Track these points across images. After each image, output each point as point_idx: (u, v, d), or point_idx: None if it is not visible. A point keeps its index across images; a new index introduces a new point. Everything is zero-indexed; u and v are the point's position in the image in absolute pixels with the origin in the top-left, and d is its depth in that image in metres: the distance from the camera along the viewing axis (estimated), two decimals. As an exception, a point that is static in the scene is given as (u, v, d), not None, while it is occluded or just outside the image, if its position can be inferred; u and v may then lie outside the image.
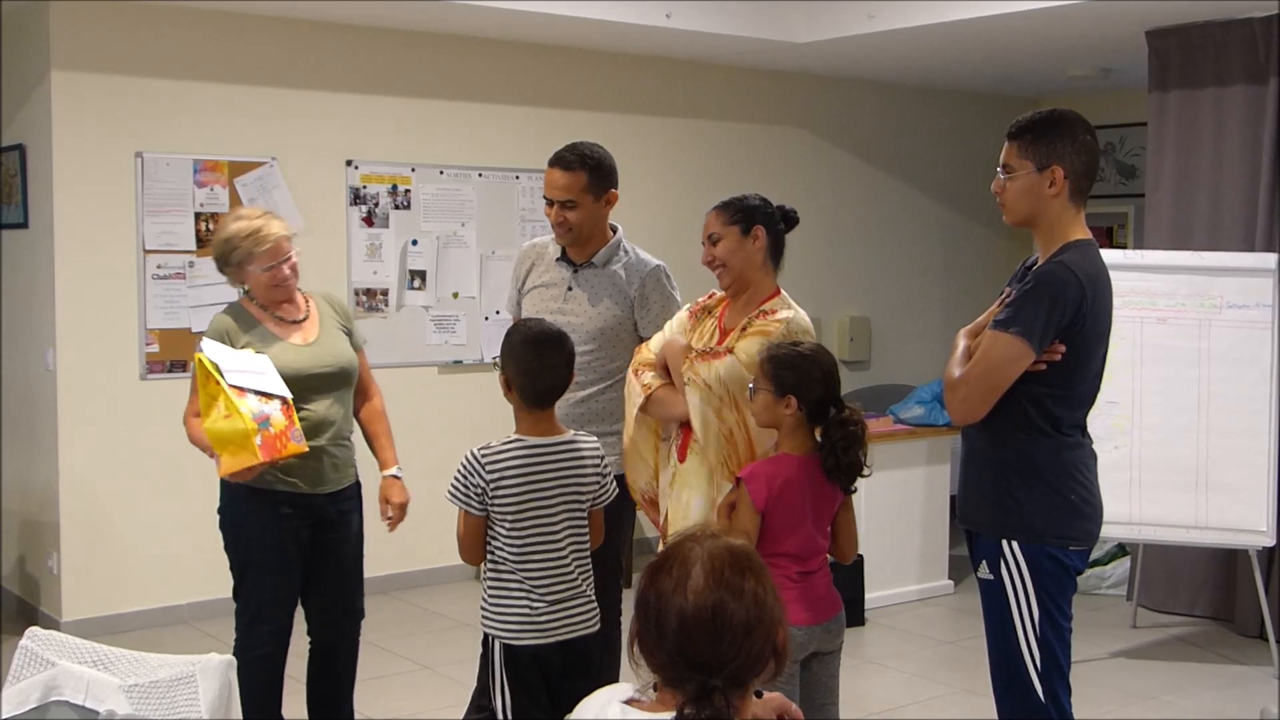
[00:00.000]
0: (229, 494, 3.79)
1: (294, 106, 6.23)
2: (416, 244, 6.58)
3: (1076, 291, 3.00)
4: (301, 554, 3.82)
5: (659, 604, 1.93)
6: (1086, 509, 3.11)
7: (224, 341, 3.73)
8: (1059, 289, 2.99)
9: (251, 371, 3.60)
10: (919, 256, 8.68)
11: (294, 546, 3.79)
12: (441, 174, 6.65)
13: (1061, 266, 3.03)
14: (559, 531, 3.23)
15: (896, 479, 6.13)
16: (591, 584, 3.31)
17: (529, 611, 3.20)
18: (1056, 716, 3.09)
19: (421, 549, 6.37)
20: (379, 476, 3.99)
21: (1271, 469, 5.37)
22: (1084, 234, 3.12)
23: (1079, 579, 3.18)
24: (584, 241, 4.03)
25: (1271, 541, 5.37)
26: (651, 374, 3.61)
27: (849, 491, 3.30)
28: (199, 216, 5.96)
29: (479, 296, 6.77)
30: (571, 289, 4.04)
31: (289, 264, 3.80)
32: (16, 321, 6.11)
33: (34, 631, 2.69)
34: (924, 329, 8.61)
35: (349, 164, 6.39)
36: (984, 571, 3.15)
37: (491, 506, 3.18)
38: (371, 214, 6.46)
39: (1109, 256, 3.48)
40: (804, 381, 3.20)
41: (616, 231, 4.09)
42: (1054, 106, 3.22)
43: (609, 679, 3.53)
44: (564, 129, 5.85)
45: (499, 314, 6.57)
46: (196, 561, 5.61)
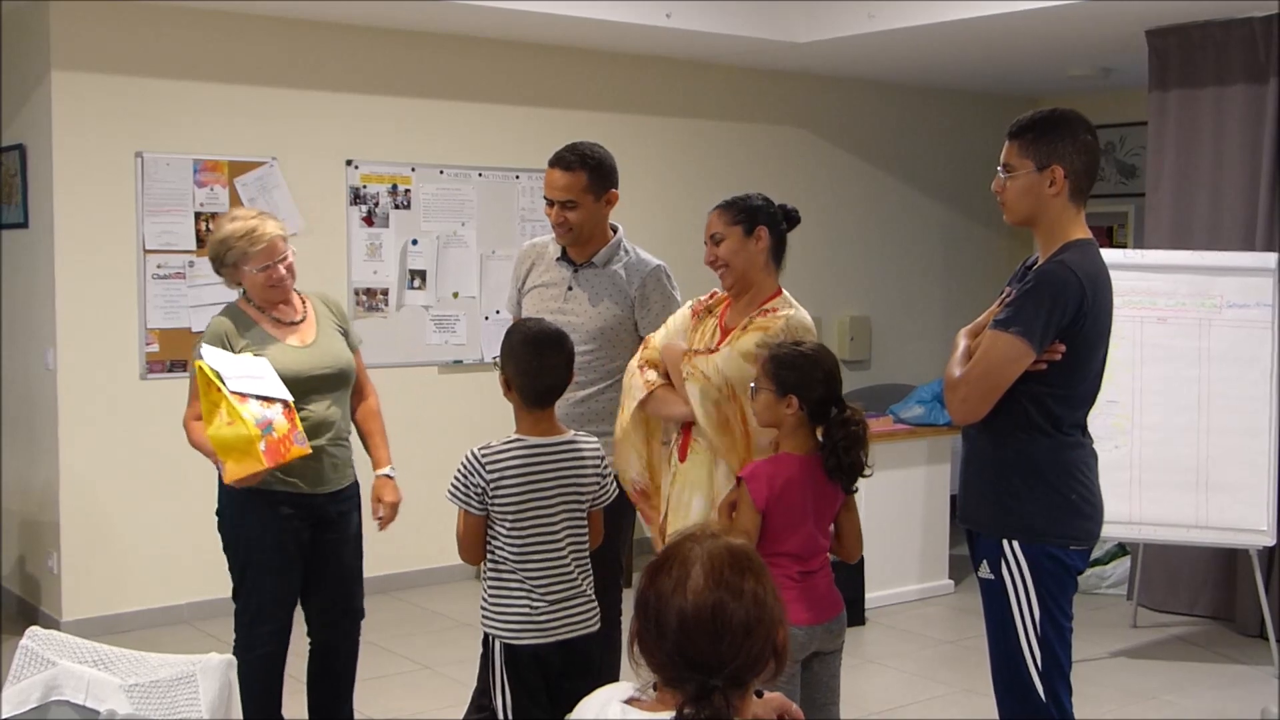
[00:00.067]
0: (228, 495, 3.79)
1: (294, 106, 6.22)
2: (416, 244, 6.58)
3: (1077, 291, 2.99)
4: (301, 554, 3.81)
5: (659, 604, 1.93)
6: (1087, 508, 3.11)
7: (222, 344, 3.72)
8: (1059, 288, 2.99)
9: (252, 376, 3.60)
10: (919, 256, 8.67)
11: (294, 546, 3.79)
12: (441, 174, 6.65)
13: (1062, 266, 3.03)
14: (558, 531, 3.23)
15: (897, 479, 6.13)
16: (591, 583, 3.32)
17: (529, 611, 3.20)
18: (1057, 716, 3.09)
19: (421, 549, 6.37)
20: (372, 476, 3.99)
21: (1272, 468, 5.36)
22: (1084, 233, 3.12)
23: (1079, 578, 3.18)
24: (584, 241, 4.03)
25: (1272, 541, 5.37)
26: (654, 373, 3.61)
27: (850, 491, 3.30)
28: (199, 216, 5.95)
29: (479, 296, 6.77)
30: (572, 289, 4.04)
31: (285, 264, 3.79)
32: (16, 321, 6.11)
33: (34, 631, 2.69)
34: (924, 329, 8.61)
35: (349, 164, 6.39)
36: (984, 571, 3.15)
37: (491, 506, 3.18)
38: (371, 214, 6.46)
39: (1109, 256, 3.48)
40: (805, 381, 3.20)
41: (617, 231, 4.09)
42: (1054, 106, 3.22)
43: (609, 678, 3.53)
44: (564, 129, 5.85)
45: (499, 314, 6.57)
46: (196, 561, 5.61)
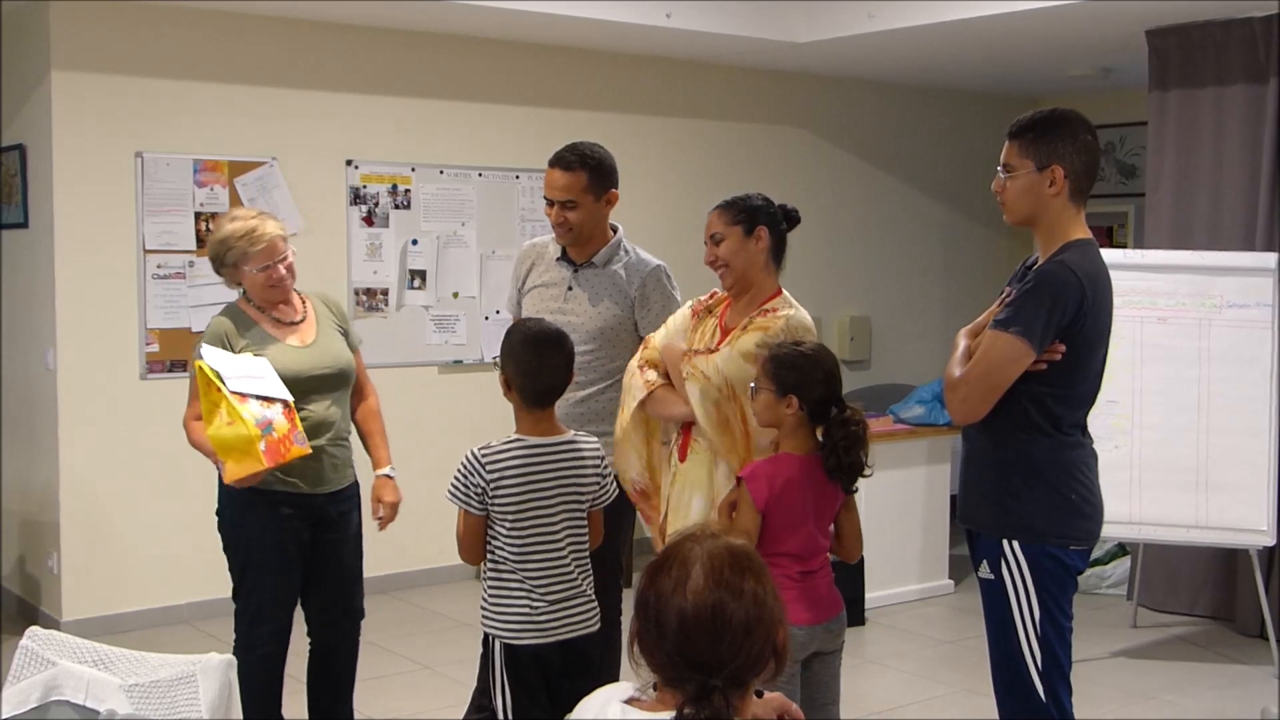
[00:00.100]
0: (228, 495, 3.79)
1: (294, 106, 6.22)
2: (416, 244, 6.58)
3: (1077, 291, 2.99)
4: (301, 554, 3.81)
5: (659, 604, 1.93)
6: (1087, 508, 3.11)
7: (222, 344, 3.72)
8: (1059, 288, 2.99)
9: (252, 376, 3.59)
10: (919, 256, 8.67)
11: (294, 546, 3.79)
12: (441, 174, 6.65)
13: (1062, 266, 3.03)
14: (558, 531, 3.23)
15: (897, 479, 6.13)
16: (591, 583, 3.32)
17: (529, 611, 3.20)
18: (1057, 716, 3.09)
19: (421, 549, 6.37)
20: (372, 476, 3.99)
21: (1271, 468, 5.36)
22: (1084, 233, 3.12)
23: (1079, 578, 3.18)
24: (584, 241, 4.03)
25: (1272, 541, 5.37)
26: (654, 373, 3.61)
27: (850, 491, 3.30)
28: (199, 216, 5.95)
29: (479, 296, 6.77)
30: (572, 289, 4.04)
31: (285, 264, 3.79)
32: (16, 321, 6.11)
33: (34, 631, 2.69)
34: (924, 329, 8.61)
35: (349, 164, 6.39)
36: (985, 571, 3.15)
37: (491, 506, 3.18)
38: (371, 214, 6.46)
39: (1109, 256, 3.48)
40: (805, 381, 3.19)
41: (617, 231, 4.09)
42: (1054, 106, 3.22)
43: (609, 678, 3.53)
44: (564, 129, 5.85)
45: (499, 314, 6.57)
46: (196, 561, 5.61)
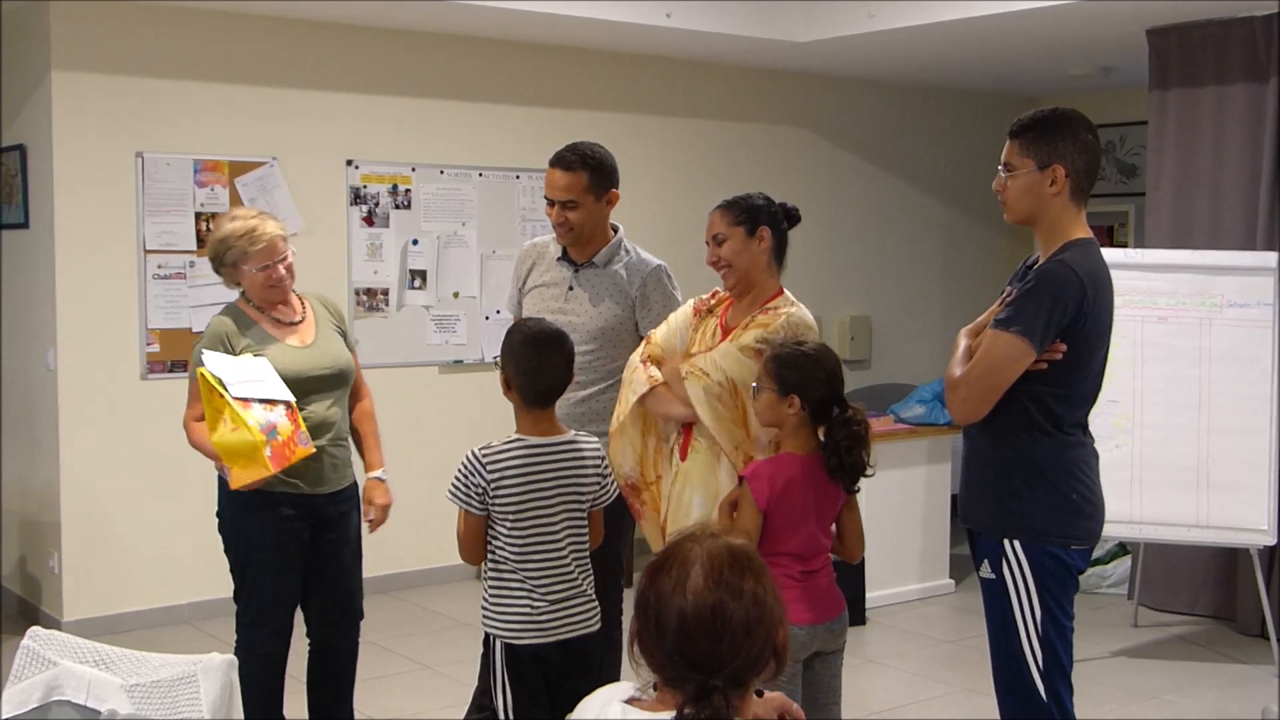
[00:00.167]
0: (228, 496, 3.78)
1: (294, 106, 6.22)
2: (417, 244, 6.58)
3: (1077, 290, 2.99)
4: (301, 554, 3.81)
5: (659, 604, 1.93)
6: (1088, 508, 3.11)
7: (223, 344, 3.72)
8: (1060, 288, 2.99)
9: (253, 379, 3.59)
10: (919, 256, 8.67)
11: (294, 547, 3.79)
12: (442, 174, 6.65)
13: (1062, 265, 3.03)
14: (559, 531, 3.23)
15: (897, 478, 6.13)
16: (592, 583, 3.32)
17: (530, 611, 3.20)
18: (1059, 716, 3.09)
19: (421, 549, 6.37)
20: (365, 477, 3.98)
21: (1272, 468, 5.36)
22: (1085, 233, 3.12)
23: (1080, 578, 3.18)
24: (585, 241, 4.02)
25: (1272, 540, 5.37)
26: (657, 369, 3.60)
27: (852, 491, 3.30)
28: (199, 216, 5.95)
29: (479, 296, 6.77)
30: (572, 289, 4.04)
31: (284, 264, 3.79)
32: (17, 321, 6.11)
33: (35, 631, 2.69)
34: (924, 328, 8.61)
35: (349, 164, 6.39)
36: (986, 571, 3.15)
37: (492, 506, 3.18)
38: (372, 214, 6.45)
39: (1110, 255, 3.48)
40: (807, 381, 3.19)
41: (618, 231, 4.09)
42: (1055, 105, 3.22)
43: (610, 678, 3.53)
44: (564, 129, 5.85)
45: (499, 313, 6.57)
46: (197, 561, 5.61)
